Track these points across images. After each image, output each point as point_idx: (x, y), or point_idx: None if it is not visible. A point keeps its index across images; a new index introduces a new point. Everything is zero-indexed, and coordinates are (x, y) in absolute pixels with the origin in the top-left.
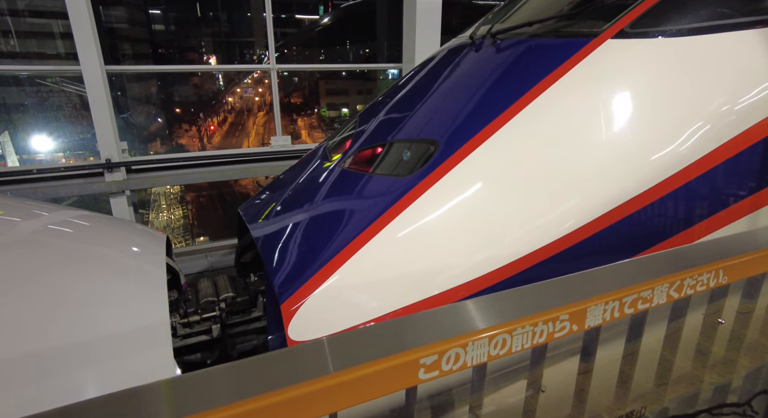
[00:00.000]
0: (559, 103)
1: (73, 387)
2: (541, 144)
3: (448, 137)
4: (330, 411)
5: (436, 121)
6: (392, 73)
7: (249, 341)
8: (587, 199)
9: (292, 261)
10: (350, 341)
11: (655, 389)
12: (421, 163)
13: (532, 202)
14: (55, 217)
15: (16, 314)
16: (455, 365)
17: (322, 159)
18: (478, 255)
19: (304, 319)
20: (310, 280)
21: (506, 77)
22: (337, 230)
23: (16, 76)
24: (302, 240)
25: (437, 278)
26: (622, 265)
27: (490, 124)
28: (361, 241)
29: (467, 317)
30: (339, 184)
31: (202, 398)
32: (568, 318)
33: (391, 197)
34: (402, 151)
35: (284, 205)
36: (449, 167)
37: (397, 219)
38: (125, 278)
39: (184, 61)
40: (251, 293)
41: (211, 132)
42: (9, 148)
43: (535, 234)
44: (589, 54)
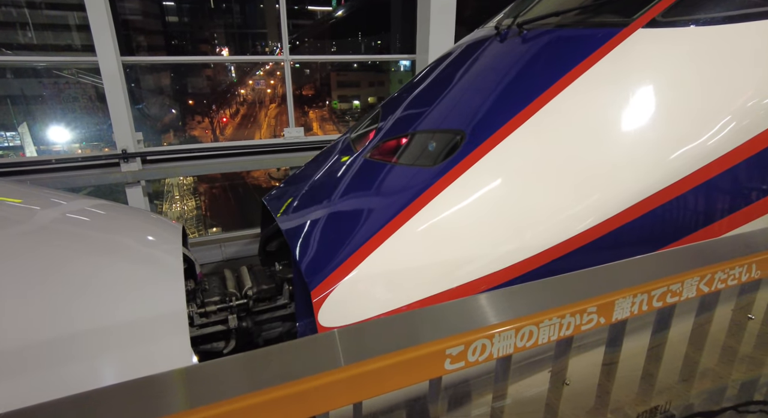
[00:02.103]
0: (588, 95)
1: (91, 373)
2: (571, 135)
3: (474, 128)
4: (354, 400)
5: (462, 111)
6: (404, 65)
7: (274, 328)
8: (617, 190)
9: (320, 250)
10: (376, 331)
11: (680, 385)
12: (447, 153)
13: (560, 193)
14: (74, 205)
15: (35, 300)
16: (481, 356)
17: (346, 150)
18: (505, 246)
19: (334, 306)
20: (339, 268)
21: (533, 68)
22: (364, 219)
23: (35, 68)
24: (330, 229)
25: (464, 268)
26: (651, 257)
27: (517, 115)
28: (389, 230)
29: (494, 307)
30: (364, 175)
31: (226, 386)
32: (596, 310)
33: (418, 188)
34: (427, 141)
35: (310, 196)
36: (477, 158)
37: (425, 209)
38: (143, 266)
39: (198, 53)
40: (277, 282)
41: (223, 124)
42: (27, 138)
43: (563, 225)
44: (619, 44)
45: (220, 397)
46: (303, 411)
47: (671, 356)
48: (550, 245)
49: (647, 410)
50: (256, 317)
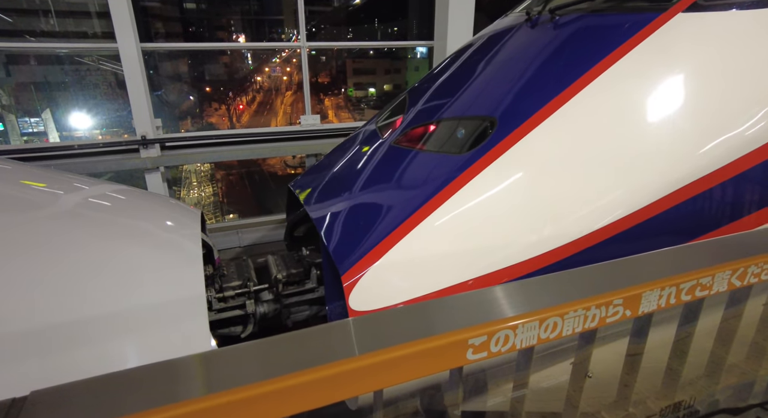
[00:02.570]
0: (625, 82)
1: (113, 355)
2: (606, 122)
3: (506, 115)
4: (374, 388)
5: (494, 98)
6: (420, 51)
7: (302, 311)
8: (653, 178)
9: (350, 235)
10: (398, 319)
11: (705, 380)
12: (478, 140)
13: (595, 181)
14: (95, 190)
15: (58, 283)
16: (504, 347)
17: (373, 137)
18: (537, 234)
19: (364, 290)
20: (370, 253)
21: (567, 54)
22: (394, 205)
23: (57, 55)
24: (359, 215)
25: (495, 256)
26: (681, 249)
27: (551, 102)
28: (420, 216)
29: (518, 298)
30: (392, 162)
31: (243, 372)
32: (622, 303)
33: (448, 174)
34: (456, 128)
35: (337, 182)
36: (509, 145)
37: (456, 196)
38: (163, 251)
39: (215, 40)
40: (305, 266)
41: (240, 111)
42: (51, 124)
43: (597, 214)
44: (658, 29)
45: (237, 383)
46: (322, 399)
47: (696, 350)
48: (583, 234)
49: (670, 405)
50: (284, 301)
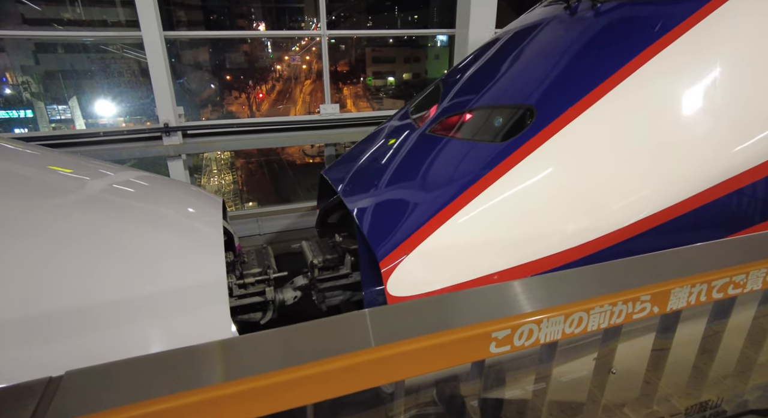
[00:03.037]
0: (672, 69)
1: (136, 338)
2: (651, 112)
3: (547, 104)
4: (397, 379)
5: (533, 87)
6: (440, 40)
7: (336, 296)
8: (700, 168)
9: (387, 222)
10: (421, 310)
11: (733, 379)
12: (517, 129)
13: (638, 172)
14: (120, 177)
15: (83, 267)
16: (528, 341)
17: (407, 125)
18: (578, 223)
19: (402, 276)
20: (408, 240)
21: (610, 42)
22: (432, 193)
23: (84, 43)
24: (396, 202)
25: (535, 245)
26: (713, 245)
27: (593, 91)
28: (459, 204)
29: (543, 292)
30: (429, 150)
31: (261, 360)
32: (650, 299)
33: (486, 163)
34: (493, 117)
35: (372, 170)
36: (550, 134)
37: (495, 185)
38: (185, 237)
39: (235, 28)
40: (339, 252)
41: (259, 100)
42: (77, 112)
43: (638, 205)
44: (710, 14)
45: (255, 371)
46: (343, 388)
47: (725, 348)
48: (625, 224)
49: (696, 404)
50: (319, 285)
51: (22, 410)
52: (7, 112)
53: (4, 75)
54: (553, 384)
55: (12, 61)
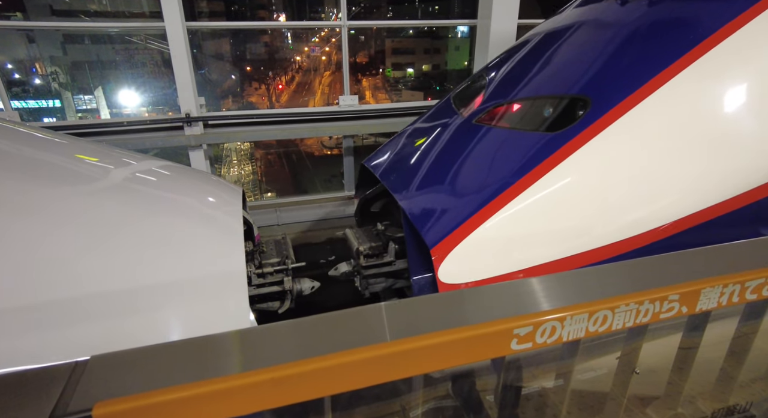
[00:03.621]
0: (737, 57)
1: (158, 323)
2: (711, 103)
3: (601, 94)
4: (418, 372)
5: (587, 77)
6: (461, 31)
7: (379, 283)
8: (764, 161)
9: (437, 211)
10: (445, 304)
11: (763, 383)
12: (570, 119)
13: (696, 163)
14: (143, 166)
15: (106, 253)
16: (550, 339)
17: (452, 115)
18: (632, 215)
19: (453, 264)
20: (459, 228)
21: (667, 32)
22: (484, 182)
23: (109, 34)
24: (446, 192)
25: (589, 235)
26: (749, 244)
27: (651, 81)
28: (512, 194)
29: (567, 289)
30: (478, 139)
31: (278, 351)
32: (678, 299)
33: (540, 153)
34: (544, 106)
35: (419, 160)
36: (605, 124)
37: (550, 174)
38: (206, 226)
39: (256, 19)
40: (383, 240)
41: (279, 91)
42: (102, 102)
43: (697, 196)
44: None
45: (273, 362)
46: (365, 380)
47: (755, 351)
48: (680, 216)
49: (723, 408)
50: (364, 272)
51: (50, 392)
52: (37, 101)
53: (34, 66)
54: (573, 382)
55: (41, 52)
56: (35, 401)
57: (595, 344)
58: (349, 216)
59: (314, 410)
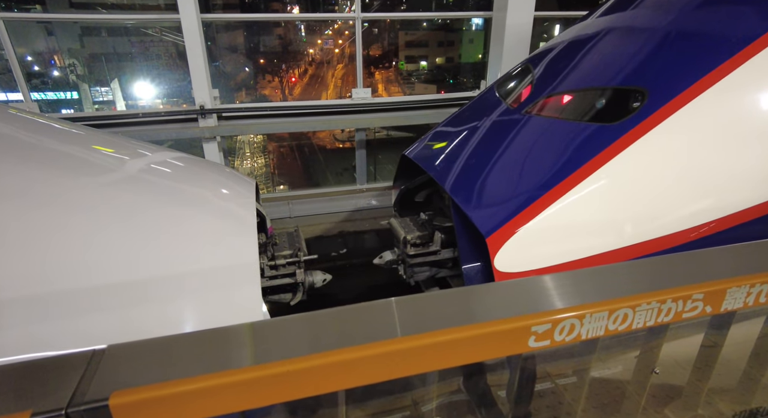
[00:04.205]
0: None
1: (172, 314)
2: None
3: (660, 85)
4: (433, 368)
5: (642, 68)
6: (476, 23)
7: (423, 272)
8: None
9: (492, 200)
10: (463, 300)
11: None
12: (627, 110)
13: (759, 156)
14: (158, 157)
15: (121, 244)
16: (569, 336)
17: (498, 105)
18: (692, 206)
19: (511, 252)
20: (516, 218)
21: (728, 23)
22: (539, 172)
23: (125, 26)
24: (500, 182)
25: (647, 225)
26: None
27: (713, 72)
28: (570, 183)
29: (587, 286)
30: (530, 130)
31: (289, 345)
32: (702, 298)
33: (597, 144)
34: (599, 97)
35: (467, 150)
36: (665, 115)
37: (608, 165)
38: (220, 218)
39: (269, 11)
40: (429, 230)
41: (292, 83)
42: (118, 94)
43: (760, 188)
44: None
45: (285, 355)
46: (371, 376)
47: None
48: (742, 208)
49: (746, 411)
50: (410, 260)
51: (68, 380)
52: (55, 93)
53: (53, 58)
54: (588, 380)
55: (60, 45)
56: (54, 389)
57: (612, 342)
58: (361, 209)
59: (327, 402)
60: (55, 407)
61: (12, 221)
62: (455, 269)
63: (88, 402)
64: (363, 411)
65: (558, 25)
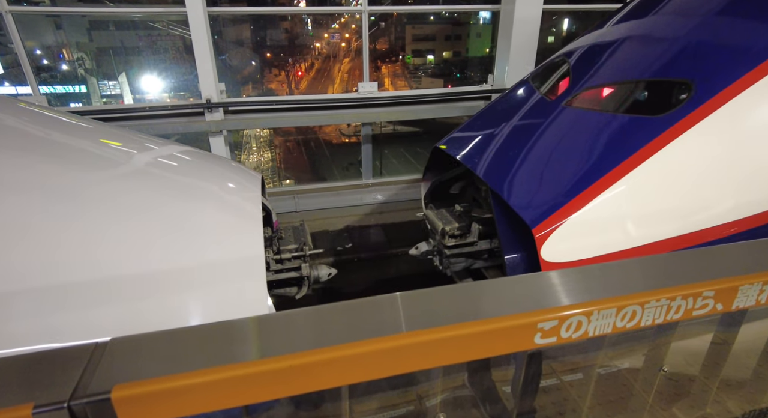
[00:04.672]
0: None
1: (177, 307)
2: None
3: (707, 77)
4: (438, 364)
5: (688, 60)
6: (483, 17)
7: (459, 263)
8: None
9: (536, 192)
10: (468, 295)
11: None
12: (674, 102)
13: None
14: (165, 150)
15: (128, 236)
16: (575, 333)
17: (535, 98)
18: (743, 197)
19: (558, 243)
20: (563, 208)
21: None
22: (585, 164)
23: (133, 20)
24: (544, 173)
25: (696, 216)
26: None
27: (762, 64)
28: (616, 175)
29: (595, 282)
30: (572, 122)
31: (295, 339)
32: (713, 296)
33: (644, 135)
34: (643, 90)
35: (506, 142)
36: (714, 107)
37: (656, 156)
38: (226, 211)
39: (276, 5)
40: (465, 221)
41: (298, 77)
42: (126, 87)
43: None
44: None
45: (289, 349)
46: (375, 371)
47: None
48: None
49: (755, 410)
50: (448, 251)
51: (71, 373)
52: (64, 87)
53: (61, 52)
54: (596, 377)
55: (68, 39)
56: (56, 381)
57: (620, 339)
58: (366, 204)
59: (331, 397)
60: (57, 400)
61: (20, 214)
62: (490, 261)
63: (90, 395)
64: (367, 406)
65: (567, 19)
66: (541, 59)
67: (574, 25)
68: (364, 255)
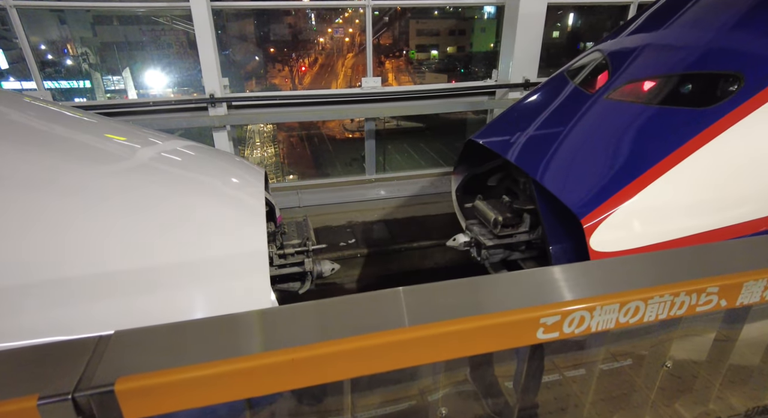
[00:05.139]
0: None
1: (180, 301)
2: None
3: (757, 68)
4: (439, 359)
5: (736, 52)
6: (488, 12)
7: (497, 254)
8: None
9: (583, 183)
10: (469, 290)
11: None
12: (721, 95)
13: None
14: (168, 145)
15: (131, 231)
16: (578, 329)
17: (574, 91)
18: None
19: (606, 233)
20: (611, 199)
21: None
22: (632, 155)
23: (136, 15)
24: (590, 165)
25: (745, 207)
26: None
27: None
28: (665, 166)
29: (598, 277)
30: (615, 115)
31: (298, 333)
32: (717, 291)
33: (692, 127)
34: (689, 82)
35: (547, 135)
36: (765, 99)
37: (705, 148)
38: (229, 206)
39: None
40: (516, 212)
41: (302, 73)
42: (129, 82)
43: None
44: None
45: (292, 343)
46: (378, 365)
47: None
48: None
49: (758, 407)
50: (496, 241)
51: (75, 366)
52: (68, 82)
53: (66, 47)
54: (598, 373)
55: (73, 33)
56: (60, 373)
57: (622, 335)
58: (369, 200)
59: (334, 391)
60: (62, 392)
61: (26, 208)
62: (527, 252)
63: (94, 387)
64: (370, 400)
65: (572, 13)
66: (546, 55)
67: (579, 19)
68: (367, 250)
